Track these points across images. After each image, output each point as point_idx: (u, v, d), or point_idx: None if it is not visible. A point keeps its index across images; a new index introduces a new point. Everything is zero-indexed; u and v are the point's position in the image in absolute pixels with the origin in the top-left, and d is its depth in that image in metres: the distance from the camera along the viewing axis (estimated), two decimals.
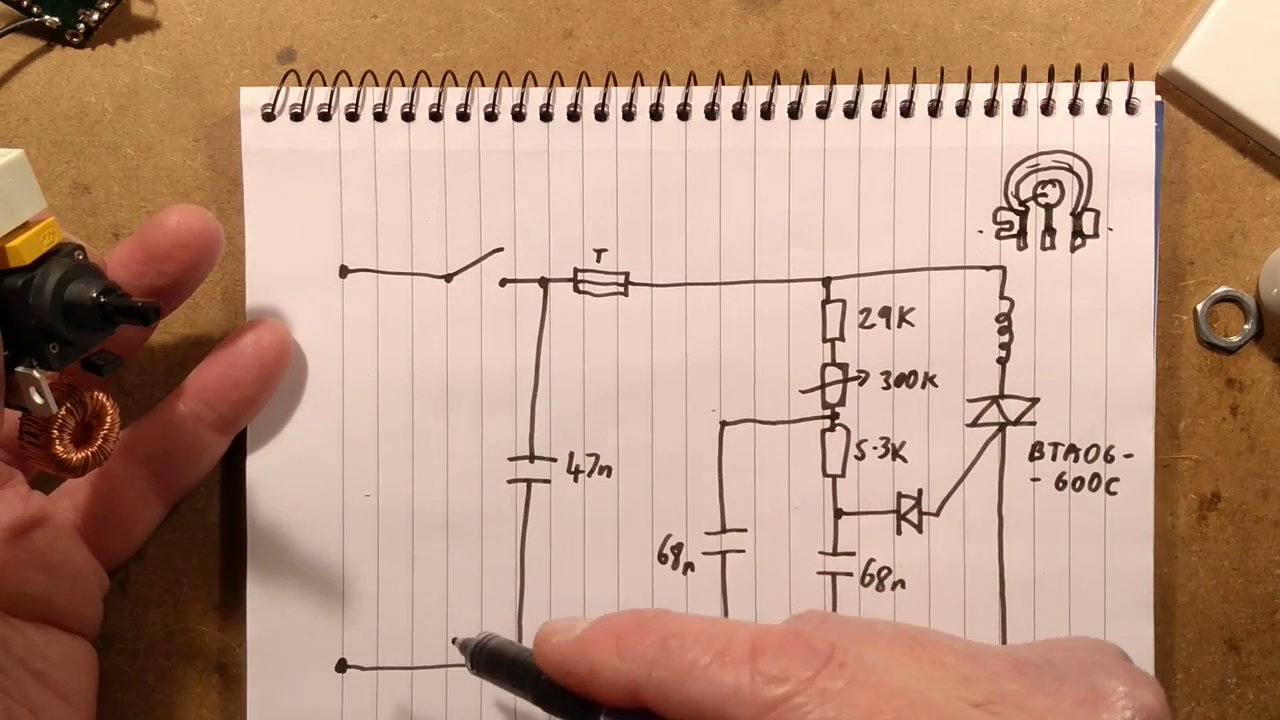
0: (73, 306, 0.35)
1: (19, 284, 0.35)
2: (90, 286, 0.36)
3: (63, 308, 0.35)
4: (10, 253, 0.35)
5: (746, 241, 0.46)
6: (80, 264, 0.36)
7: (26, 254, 0.35)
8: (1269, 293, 0.46)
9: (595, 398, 0.46)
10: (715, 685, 0.33)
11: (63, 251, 0.36)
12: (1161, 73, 0.47)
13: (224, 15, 0.46)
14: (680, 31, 0.47)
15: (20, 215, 0.35)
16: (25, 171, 0.35)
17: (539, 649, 0.37)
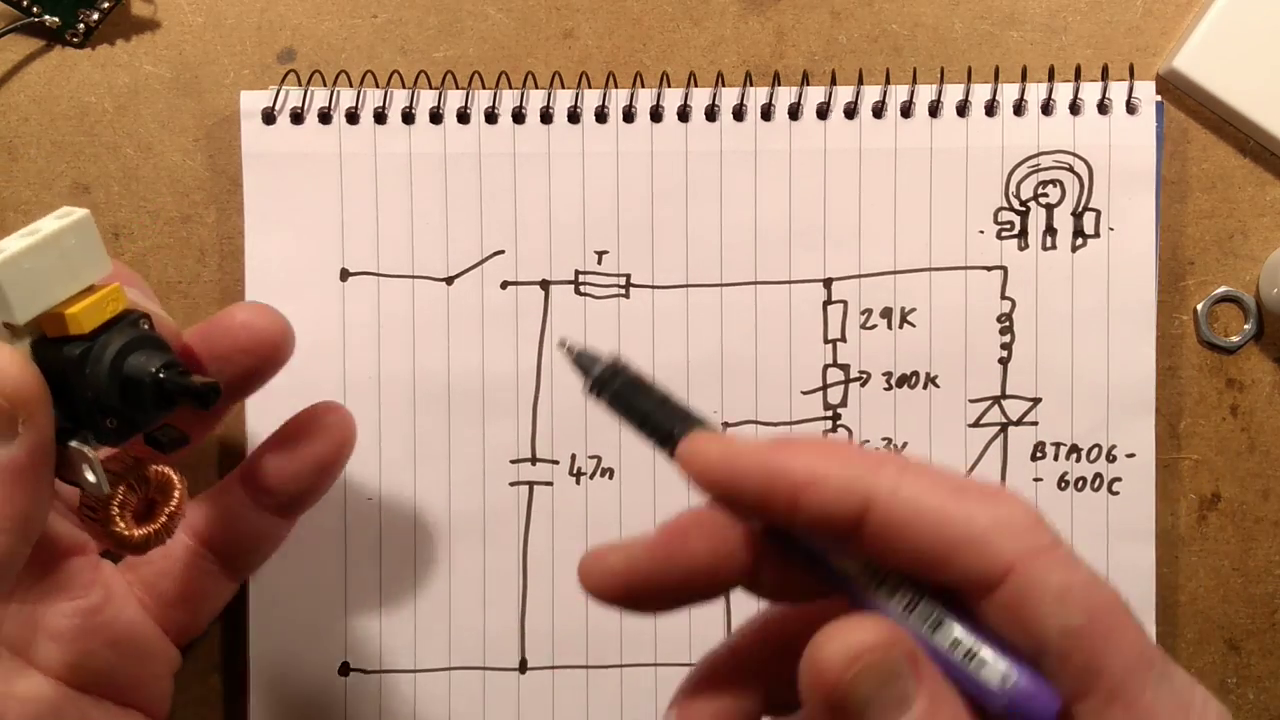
0: (130, 381, 0.33)
1: (76, 353, 0.32)
2: (150, 361, 0.33)
3: (120, 382, 0.33)
4: (70, 320, 0.32)
5: (747, 243, 0.46)
6: (143, 335, 0.34)
7: (86, 322, 0.33)
8: (1269, 293, 0.46)
9: None
10: (980, 516, 0.28)
11: (126, 320, 0.34)
12: (1161, 73, 0.47)
13: (224, 15, 0.46)
14: (680, 31, 0.47)
15: (83, 279, 0.33)
16: (90, 233, 0.33)
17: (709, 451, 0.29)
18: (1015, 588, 0.28)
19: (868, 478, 0.28)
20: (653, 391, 0.32)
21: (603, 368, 0.32)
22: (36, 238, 0.32)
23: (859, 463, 0.29)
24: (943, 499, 0.28)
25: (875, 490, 0.28)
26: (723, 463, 0.29)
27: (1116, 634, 0.28)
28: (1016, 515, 0.28)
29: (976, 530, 0.28)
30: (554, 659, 0.46)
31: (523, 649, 0.46)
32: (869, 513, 0.28)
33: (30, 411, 0.32)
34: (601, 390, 0.32)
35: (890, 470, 0.28)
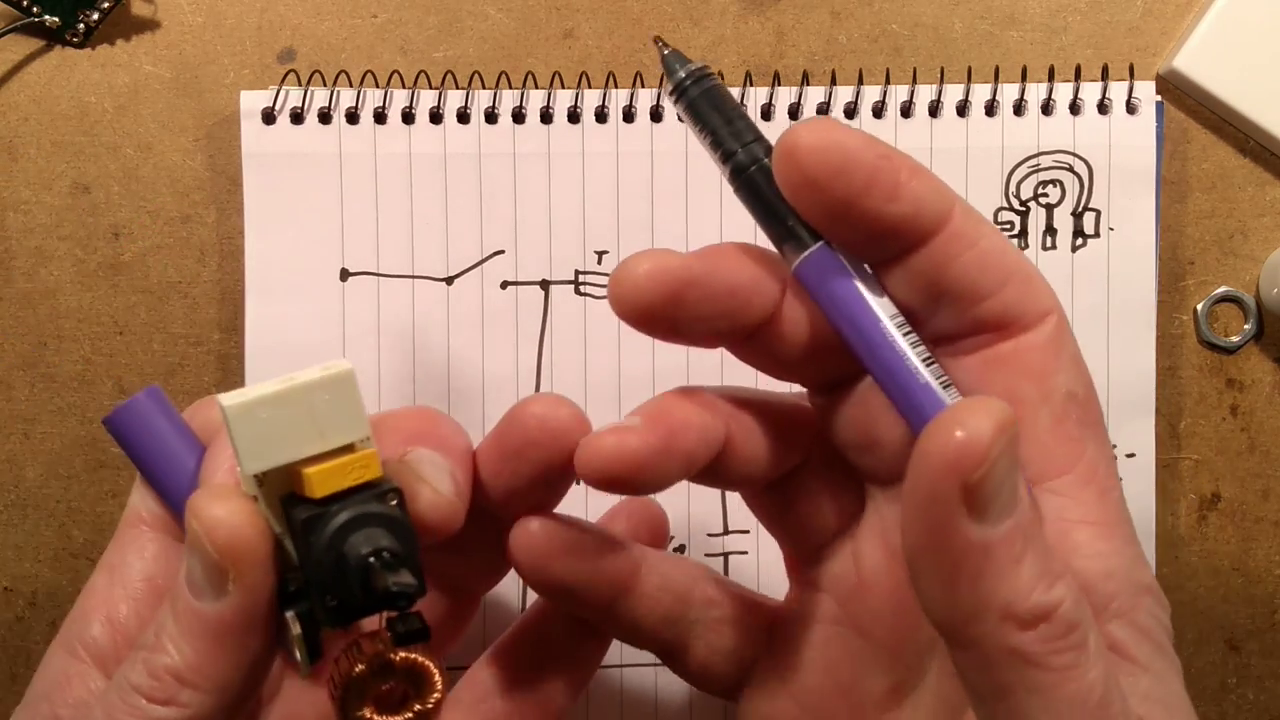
0: (347, 563, 0.29)
1: (302, 518, 0.29)
2: (369, 542, 0.29)
3: (336, 560, 0.29)
4: (306, 480, 0.29)
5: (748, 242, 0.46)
6: (379, 512, 0.30)
7: (320, 486, 0.29)
8: (1269, 293, 0.46)
9: (597, 400, 0.46)
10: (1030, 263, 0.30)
11: (373, 490, 0.30)
12: (1161, 73, 0.47)
13: (224, 15, 0.46)
14: (680, 31, 0.47)
15: (332, 440, 0.30)
16: (350, 391, 0.30)
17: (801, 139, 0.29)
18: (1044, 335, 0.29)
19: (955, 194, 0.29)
20: (726, 108, 0.31)
21: (686, 72, 0.32)
22: (283, 386, 0.29)
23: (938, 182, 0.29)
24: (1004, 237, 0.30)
25: (958, 205, 0.29)
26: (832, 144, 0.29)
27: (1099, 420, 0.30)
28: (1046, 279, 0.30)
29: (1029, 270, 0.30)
30: None
31: None
32: (951, 219, 0.29)
33: (242, 570, 0.29)
34: (680, 95, 0.32)
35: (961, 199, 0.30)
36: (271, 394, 0.29)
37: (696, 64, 0.32)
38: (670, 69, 0.32)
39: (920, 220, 0.29)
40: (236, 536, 0.29)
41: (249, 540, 0.29)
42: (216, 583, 0.29)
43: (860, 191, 0.29)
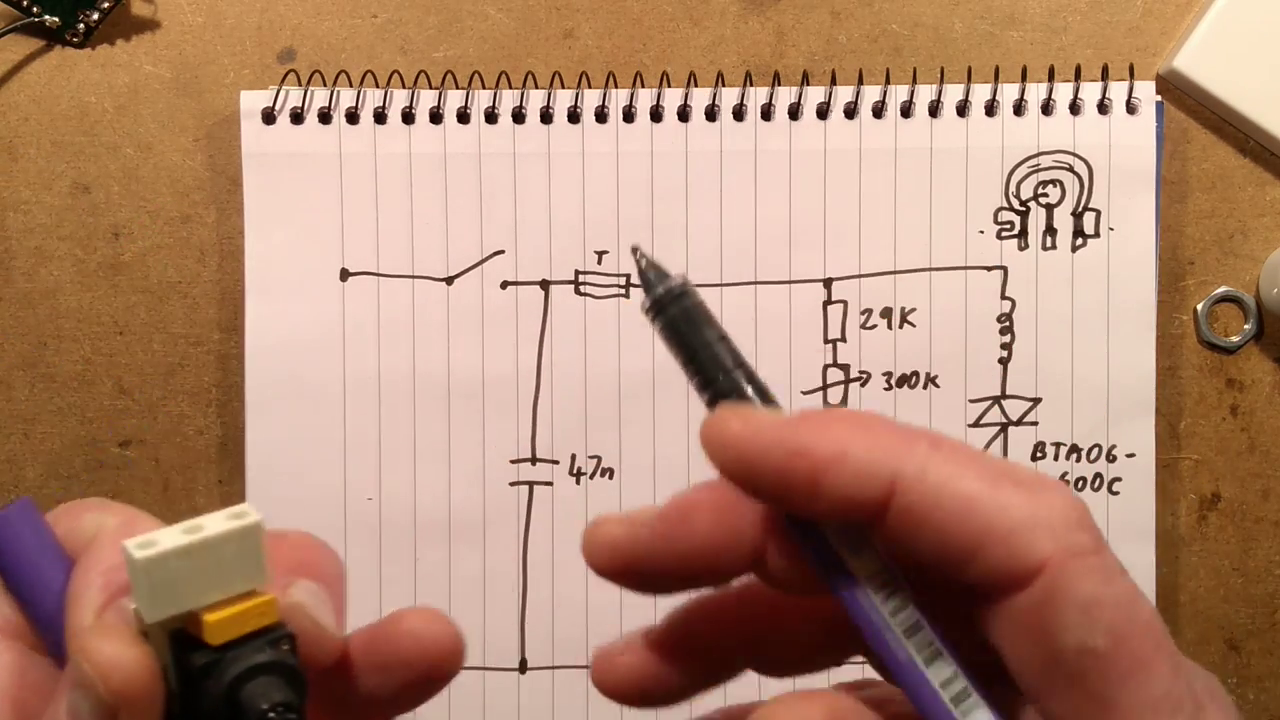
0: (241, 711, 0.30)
1: (199, 663, 0.30)
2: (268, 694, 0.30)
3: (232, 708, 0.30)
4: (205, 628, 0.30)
5: (747, 243, 0.46)
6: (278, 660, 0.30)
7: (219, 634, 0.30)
8: (1269, 293, 0.46)
9: (597, 400, 0.46)
10: (1014, 509, 0.25)
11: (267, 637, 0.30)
12: (1161, 73, 0.47)
13: (224, 15, 0.46)
14: (680, 31, 0.47)
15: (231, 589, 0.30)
16: (256, 543, 0.30)
17: (722, 430, 0.27)
18: (1040, 591, 0.26)
19: (895, 457, 0.26)
20: (707, 331, 0.29)
21: (664, 290, 0.29)
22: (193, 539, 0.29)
23: (888, 440, 0.26)
24: (976, 484, 0.26)
25: (902, 470, 0.26)
26: (741, 440, 0.27)
27: (1141, 667, 0.26)
28: (1056, 510, 0.26)
29: (1009, 522, 0.26)
30: (554, 659, 0.46)
31: (523, 649, 0.46)
32: (894, 495, 0.26)
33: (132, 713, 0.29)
34: (657, 314, 0.29)
35: (921, 449, 0.26)
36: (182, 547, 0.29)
37: (676, 279, 0.29)
38: (648, 283, 0.29)
39: (853, 508, 0.26)
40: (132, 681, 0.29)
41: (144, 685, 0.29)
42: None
43: (779, 489, 0.27)
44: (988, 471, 0.26)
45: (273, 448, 0.45)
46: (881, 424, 0.26)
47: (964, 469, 0.26)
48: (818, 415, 0.26)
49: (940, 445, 0.26)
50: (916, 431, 0.27)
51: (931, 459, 0.26)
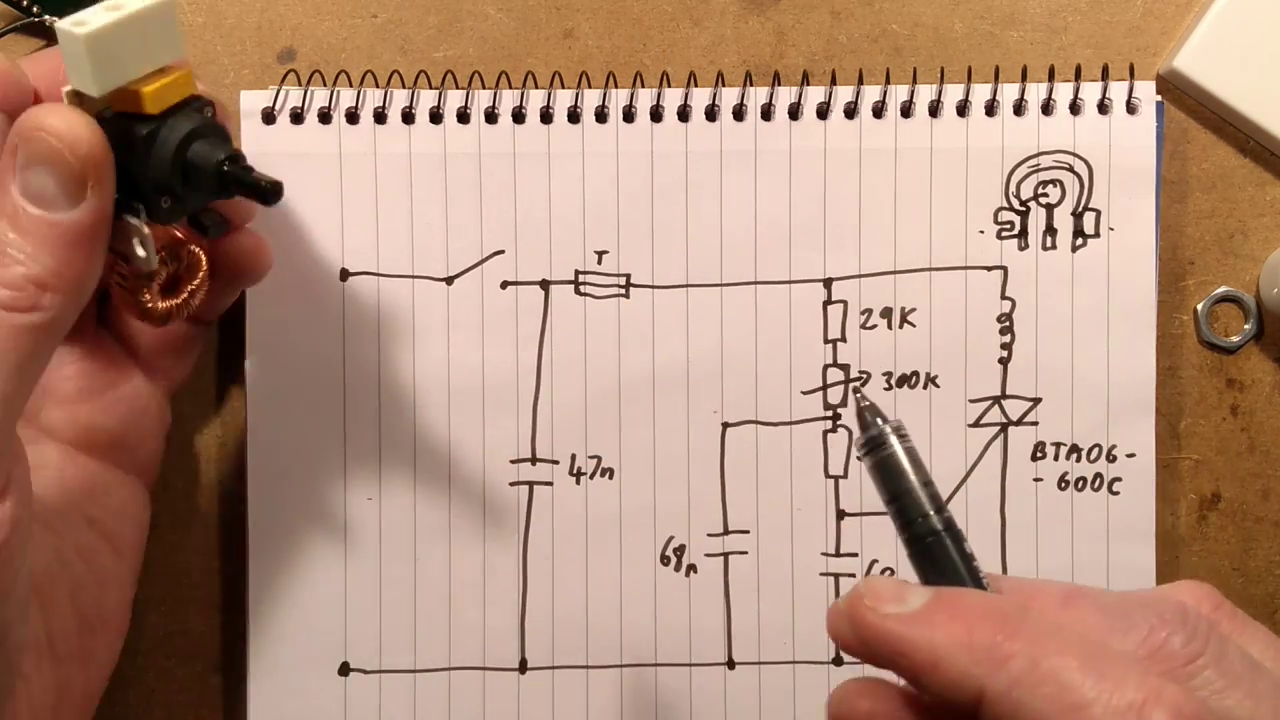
0: (193, 166, 0.34)
1: (144, 132, 0.34)
2: (216, 150, 0.34)
3: (183, 165, 0.34)
4: (144, 98, 0.33)
5: (747, 243, 0.46)
6: (209, 123, 0.35)
7: (157, 103, 0.34)
8: (1269, 293, 0.46)
9: (597, 400, 0.46)
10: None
11: (193, 105, 0.35)
12: (1162, 73, 0.47)
13: (224, 15, 0.46)
14: (680, 31, 0.47)
15: (158, 60, 0.34)
16: (170, 17, 0.33)
17: (859, 616, 0.30)
18: None
19: (983, 674, 0.28)
20: (911, 475, 0.32)
21: (876, 432, 0.33)
22: (122, 14, 0.32)
23: (981, 653, 0.28)
24: (1058, 712, 0.27)
25: (988, 688, 0.28)
26: (864, 630, 0.30)
27: None
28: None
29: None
30: (554, 659, 0.46)
31: (523, 649, 0.46)
32: (981, 706, 0.28)
33: (99, 178, 0.33)
34: (869, 452, 0.33)
35: (1014, 666, 0.28)
36: (117, 21, 0.32)
37: (891, 422, 0.33)
38: (864, 423, 0.33)
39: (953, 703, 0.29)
40: (95, 148, 0.33)
41: (104, 150, 0.33)
42: (74, 192, 0.33)
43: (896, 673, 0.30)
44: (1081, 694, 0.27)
45: (273, 447, 0.45)
46: (989, 629, 0.28)
47: (1057, 690, 0.27)
48: (934, 612, 0.29)
49: (1039, 660, 0.28)
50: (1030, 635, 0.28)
51: (1024, 679, 0.28)
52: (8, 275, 0.33)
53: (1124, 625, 0.30)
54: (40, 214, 0.33)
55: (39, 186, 0.33)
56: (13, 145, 0.33)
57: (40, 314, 0.33)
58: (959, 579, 0.31)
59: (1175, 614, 0.30)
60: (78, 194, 0.33)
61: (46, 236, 0.33)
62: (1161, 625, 0.30)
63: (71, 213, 0.33)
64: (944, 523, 0.32)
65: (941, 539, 0.32)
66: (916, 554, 0.32)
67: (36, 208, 0.33)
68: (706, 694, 0.46)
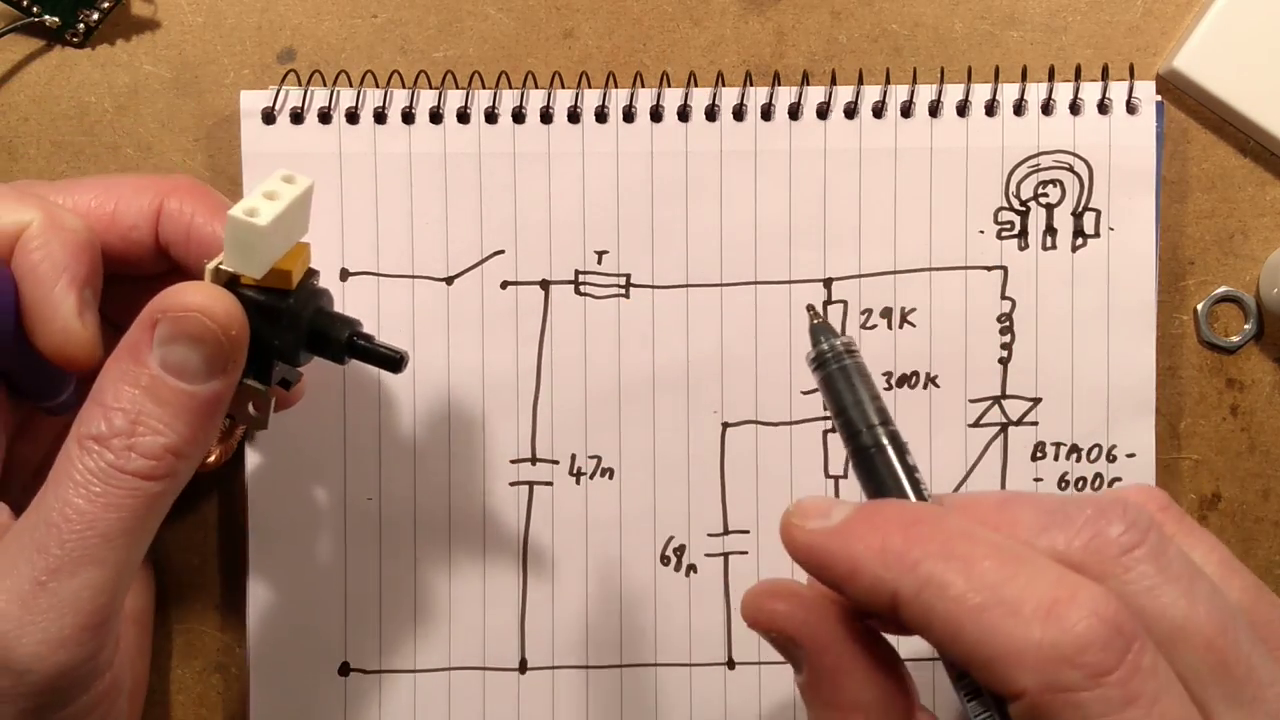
0: (324, 338, 0.36)
1: (283, 307, 0.36)
2: (343, 324, 0.37)
3: (314, 338, 0.36)
4: (291, 277, 0.35)
5: (747, 243, 0.46)
6: (326, 294, 0.37)
7: (295, 280, 0.36)
8: (1269, 293, 0.46)
9: (597, 400, 0.46)
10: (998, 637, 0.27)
11: (310, 277, 0.37)
12: (1162, 73, 0.47)
13: (224, 15, 0.46)
14: (680, 31, 0.47)
15: (295, 239, 0.36)
16: (309, 198, 0.36)
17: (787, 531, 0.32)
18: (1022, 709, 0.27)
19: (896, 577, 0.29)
20: (858, 389, 0.33)
21: (826, 347, 0.34)
22: (286, 202, 0.34)
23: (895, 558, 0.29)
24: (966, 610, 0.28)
25: (899, 591, 0.29)
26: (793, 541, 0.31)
27: None
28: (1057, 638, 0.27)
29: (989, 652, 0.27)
30: (554, 659, 0.46)
31: (523, 649, 0.46)
32: (897, 610, 0.29)
33: (239, 357, 0.35)
34: (818, 367, 0.34)
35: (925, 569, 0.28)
36: (285, 209, 0.34)
37: (842, 339, 0.33)
38: (815, 339, 0.34)
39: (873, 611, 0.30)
40: (244, 330, 0.35)
41: (243, 325, 0.35)
42: (218, 369, 0.34)
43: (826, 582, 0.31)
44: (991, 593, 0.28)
45: (272, 447, 0.45)
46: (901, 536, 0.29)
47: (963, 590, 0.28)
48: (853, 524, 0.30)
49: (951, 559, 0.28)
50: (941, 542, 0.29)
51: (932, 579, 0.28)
52: (148, 446, 0.34)
53: (1061, 520, 0.30)
54: (180, 386, 0.34)
55: (183, 362, 0.34)
56: (151, 319, 0.34)
57: (175, 480, 0.34)
58: (900, 490, 0.32)
59: (1116, 506, 0.30)
60: (221, 371, 0.34)
61: (186, 408, 0.34)
62: (1099, 516, 0.29)
63: (210, 385, 0.34)
64: (888, 434, 0.32)
65: (884, 450, 0.32)
66: (859, 466, 0.33)
67: (179, 381, 0.34)
68: (706, 694, 0.46)
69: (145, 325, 0.34)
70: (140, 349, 0.34)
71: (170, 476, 0.34)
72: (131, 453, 0.33)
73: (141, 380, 0.34)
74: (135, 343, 0.34)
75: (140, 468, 0.33)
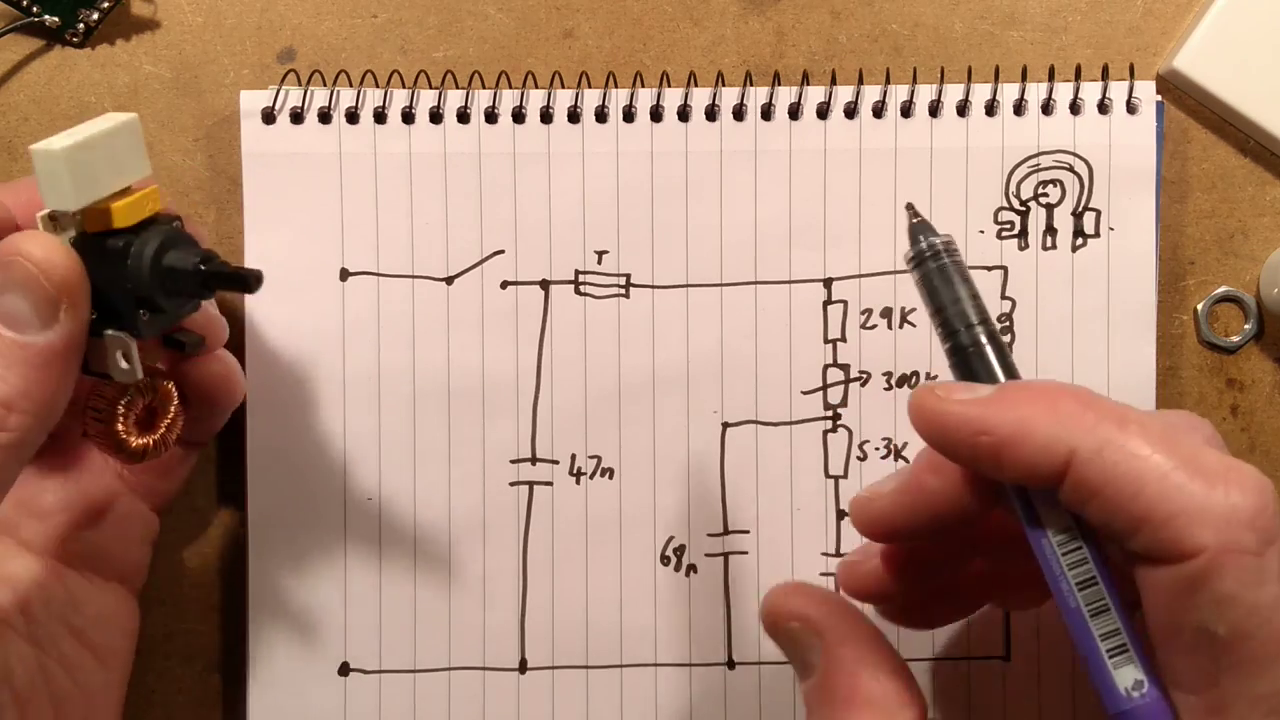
0: (172, 272, 0.35)
1: (119, 245, 0.34)
2: (190, 254, 0.35)
3: (161, 273, 0.35)
4: (115, 214, 0.34)
5: (747, 243, 0.46)
6: (179, 232, 0.36)
7: (128, 217, 0.34)
8: (1269, 293, 0.46)
9: (597, 400, 0.46)
10: (1184, 496, 0.28)
11: (161, 220, 0.36)
12: (1162, 73, 0.47)
13: (224, 15, 0.46)
14: (680, 31, 0.47)
15: (127, 178, 0.35)
16: (137, 135, 0.35)
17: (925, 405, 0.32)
18: (1188, 571, 0.28)
19: (1074, 435, 0.29)
20: (959, 288, 0.33)
21: (925, 245, 0.34)
22: (94, 131, 0.34)
23: (1070, 418, 0.29)
24: (1150, 468, 0.29)
25: (1079, 448, 0.29)
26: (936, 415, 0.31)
27: (1256, 664, 0.28)
28: (1231, 504, 0.28)
29: (1172, 508, 0.28)
30: (554, 659, 0.46)
31: (523, 649, 0.46)
32: (1070, 470, 0.29)
33: (73, 300, 0.34)
34: (916, 265, 0.34)
35: (1104, 429, 0.29)
36: (89, 138, 0.33)
37: (941, 237, 0.34)
38: (913, 238, 0.34)
39: (1035, 479, 0.30)
40: (67, 270, 0.33)
41: (79, 274, 0.34)
42: (47, 315, 0.33)
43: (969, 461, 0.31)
44: (1170, 456, 0.29)
45: (273, 448, 0.45)
46: (1071, 400, 0.30)
47: (1145, 451, 0.29)
48: (1012, 392, 0.31)
49: (1127, 424, 0.29)
50: (1107, 409, 0.30)
51: (1112, 439, 0.29)
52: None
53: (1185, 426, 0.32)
54: (12, 336, 0.33)
55: (12, 310, 0.33)
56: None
57: (4, 435, 0.33)
58: None
59: None
60: (51, 317, 0.33)
61: (17, 358, 0.33)
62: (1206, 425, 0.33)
63: (43, 335, 0.33)
64: (986, 334, 0.33)
65: (983, 349, 0.33)
66: (958, 364, 0.33)
67: (9, 330, 0.33)
68: (706, 694, 0.46)
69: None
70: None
71: (3, 429, 0.33)
72: None
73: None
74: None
75: None
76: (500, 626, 0.46)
